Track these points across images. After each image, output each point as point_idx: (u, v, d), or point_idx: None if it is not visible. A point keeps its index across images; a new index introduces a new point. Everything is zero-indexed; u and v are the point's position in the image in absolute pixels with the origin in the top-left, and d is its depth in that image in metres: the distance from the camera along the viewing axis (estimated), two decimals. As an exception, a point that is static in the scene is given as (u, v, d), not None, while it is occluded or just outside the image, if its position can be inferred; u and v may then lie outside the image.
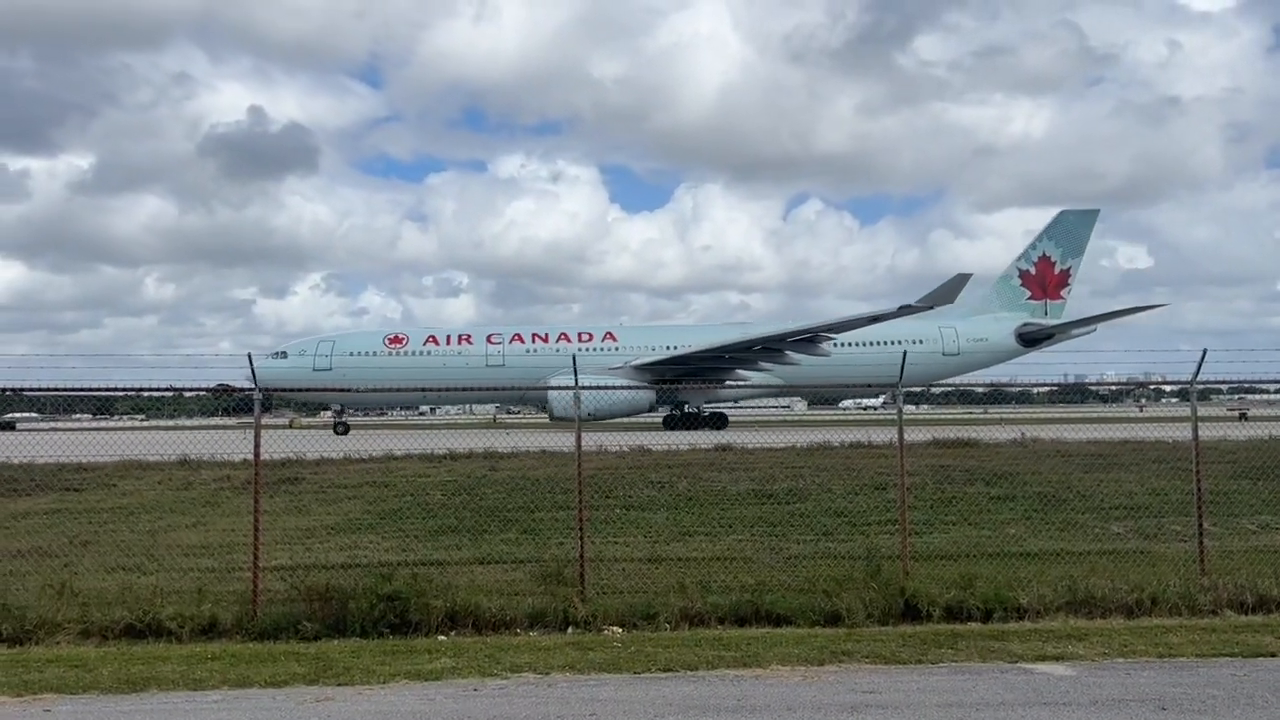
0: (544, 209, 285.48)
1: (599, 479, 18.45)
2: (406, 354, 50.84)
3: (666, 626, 10.53)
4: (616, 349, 51.44)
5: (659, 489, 18.97)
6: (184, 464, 23.98)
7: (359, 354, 50.52)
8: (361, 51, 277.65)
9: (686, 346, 50.47)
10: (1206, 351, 12.44)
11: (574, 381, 12.36)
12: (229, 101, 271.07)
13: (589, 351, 50.97)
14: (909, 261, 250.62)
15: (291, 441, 31.46)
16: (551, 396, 45.43)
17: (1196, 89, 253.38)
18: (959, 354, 52.33)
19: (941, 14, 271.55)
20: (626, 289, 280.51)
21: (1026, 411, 70.21)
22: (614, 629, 10.50)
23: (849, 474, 20.34)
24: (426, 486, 20.20)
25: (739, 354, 49.39)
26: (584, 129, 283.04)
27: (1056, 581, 11.41)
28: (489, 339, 52.45)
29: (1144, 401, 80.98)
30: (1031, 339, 54.91)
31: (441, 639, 10.16)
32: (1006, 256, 64.97)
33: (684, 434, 37.78)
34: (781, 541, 14.60)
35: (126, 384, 12.47)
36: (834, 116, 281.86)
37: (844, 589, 11.01)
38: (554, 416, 48.82)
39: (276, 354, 50.42)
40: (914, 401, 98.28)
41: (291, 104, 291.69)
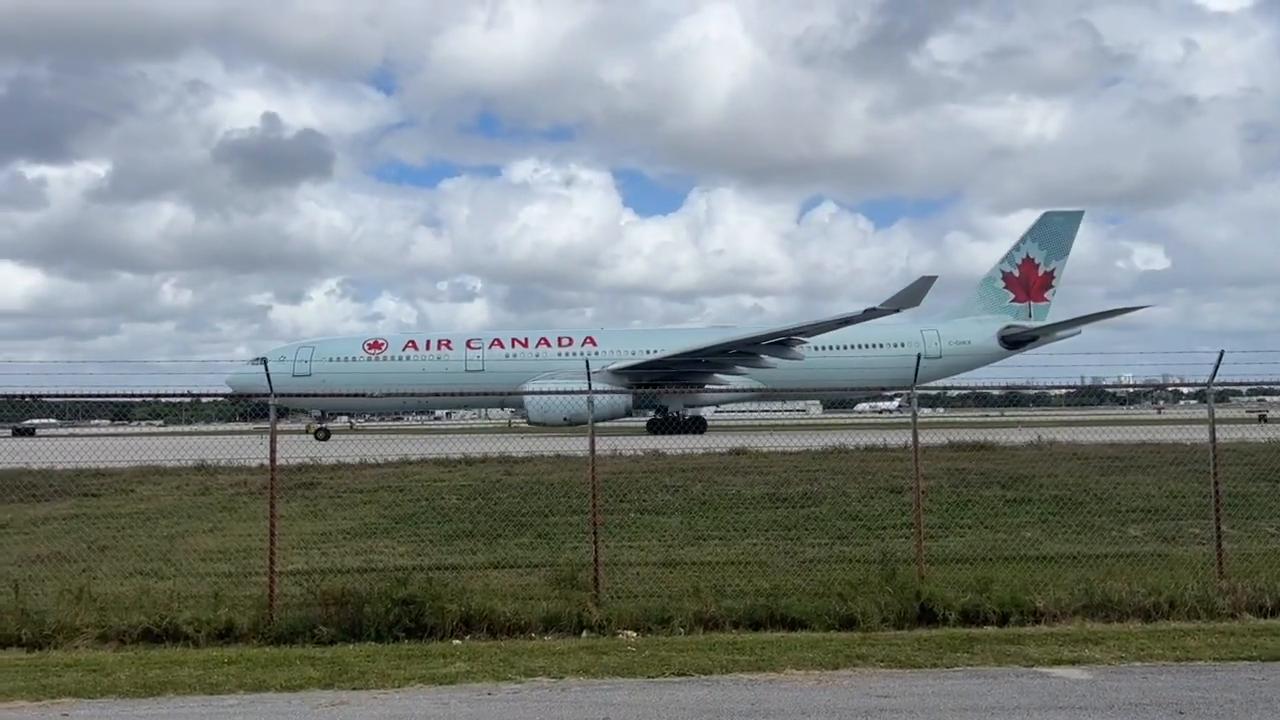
0: (557, 213, 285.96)
1: (613, 483, 18.46)
2: (385, 359, 50.80)
3: (681, 631, 10.54)
4: (596, 353, 50.91)
5: (673, 493, 18.96)
6: (201, 469, 24.16)
7: (338, 360, 50.29)
8: (375, 58, 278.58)
9: (665, 351, 50.10)
10: (1224, 353, 12.39)
11: (585, 385, 12.37)
12: (244, 109, 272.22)
13: (568, 356, 50.92)
14: (924, 264, 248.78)
15: (308, 447, 31.67)
16: (526, 401, 45.13)
17: (1213, 89, 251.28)
18: (940, 357, 51.51)
19: (954, 15, 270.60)
20: (640, 293, 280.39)
21: (1042, 414, 69.79)
22: (628, 633, 10.51)
23: (864, 477, 20.28)
24: (441, 491, 20.26)
25: (715, 358, 49.14)
26: (596, 133, 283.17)
27: (1073, 585, 11.36)
28: (468, 344, 52.36)
29: (1162, 403, 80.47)
30: (1015, 341, 54.32)
31: (456, 643, 10.19)
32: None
33: (698, 438, 37.75)
34: (796, 545, 14.57)
35: (144, 389, 12.57)
36: (847, 119, 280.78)
37: (859, 593, 10.98)
38: (530, 421, 48.63)
39: (256, 360, 49.54)
40: (929, 405, 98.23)
41: (306, 110, 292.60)
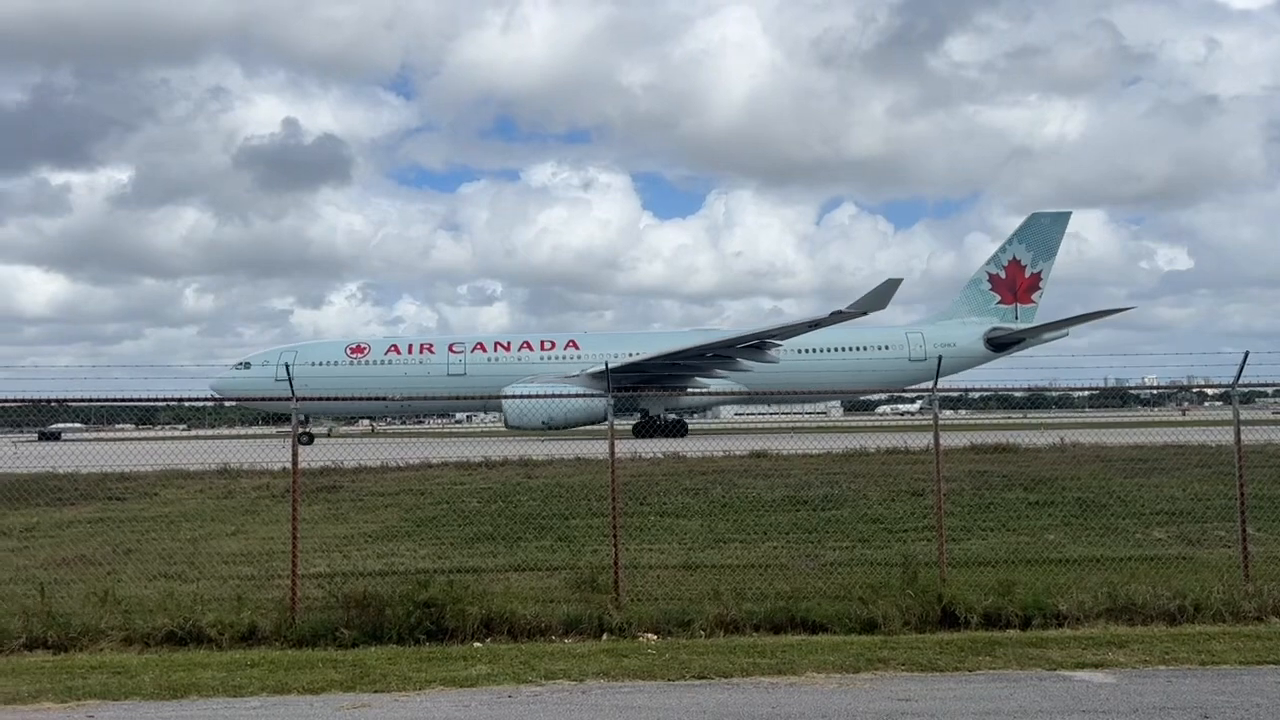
0: (576, 216, 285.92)
1: (633, 486, 18.48)
2: (368, 364, 51.16)
3: (701, 633, 10.53)
4: (578, 357, 51.05)
5: (693, 495, 18.95)
6: (224, 473, 24.29)
7: (320, 364, 50.43)
8: (393, 63, 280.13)
9: (645, 354, 49.74)
10: (1248, 354, 12.28)
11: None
12: (264, 114, 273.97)
13: (550, 360, 51.04)
14: (945, 265, 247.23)
15: (330, 450, 31.85)
16: (504, 405, 45.07)
17: (1236, 88, 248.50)
18: (925, 359, 51.12)
19: (973, 15, 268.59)
20: (659, 295, 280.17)
21: (1064, 416, 69.28)
22: (649, 636, 10.51)
23: (885, 480, 20.21)
24: (462, 494, 20.34)
25: (691, 360, 49.03)
26: (614, 136, 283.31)
27: (1096, 588, 11.25)
28: (450, 348, 52.48)
29: (1187, 405, 79.70)
30: (1001, 344, 54.05)
31: (477, 646, 10.22)
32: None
33: (713, 440, 37.68)
34: (817, 548, 14.52)
35: (168, 394, 12.69)
36: (866, 120, 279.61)
37: (880, 596, 10.94)
38: (509, 425, 48.63)
39: (240, 364, 50.25)
40: (951, 406, 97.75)
41: (325, 116, 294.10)
